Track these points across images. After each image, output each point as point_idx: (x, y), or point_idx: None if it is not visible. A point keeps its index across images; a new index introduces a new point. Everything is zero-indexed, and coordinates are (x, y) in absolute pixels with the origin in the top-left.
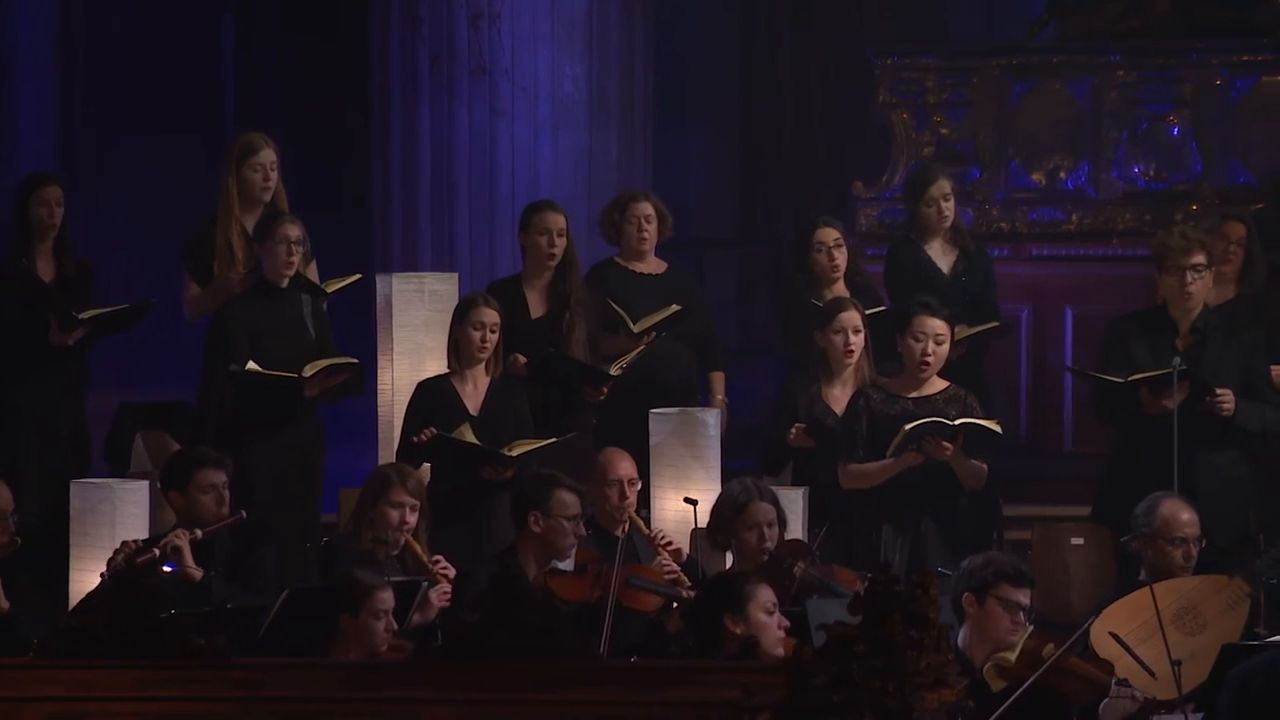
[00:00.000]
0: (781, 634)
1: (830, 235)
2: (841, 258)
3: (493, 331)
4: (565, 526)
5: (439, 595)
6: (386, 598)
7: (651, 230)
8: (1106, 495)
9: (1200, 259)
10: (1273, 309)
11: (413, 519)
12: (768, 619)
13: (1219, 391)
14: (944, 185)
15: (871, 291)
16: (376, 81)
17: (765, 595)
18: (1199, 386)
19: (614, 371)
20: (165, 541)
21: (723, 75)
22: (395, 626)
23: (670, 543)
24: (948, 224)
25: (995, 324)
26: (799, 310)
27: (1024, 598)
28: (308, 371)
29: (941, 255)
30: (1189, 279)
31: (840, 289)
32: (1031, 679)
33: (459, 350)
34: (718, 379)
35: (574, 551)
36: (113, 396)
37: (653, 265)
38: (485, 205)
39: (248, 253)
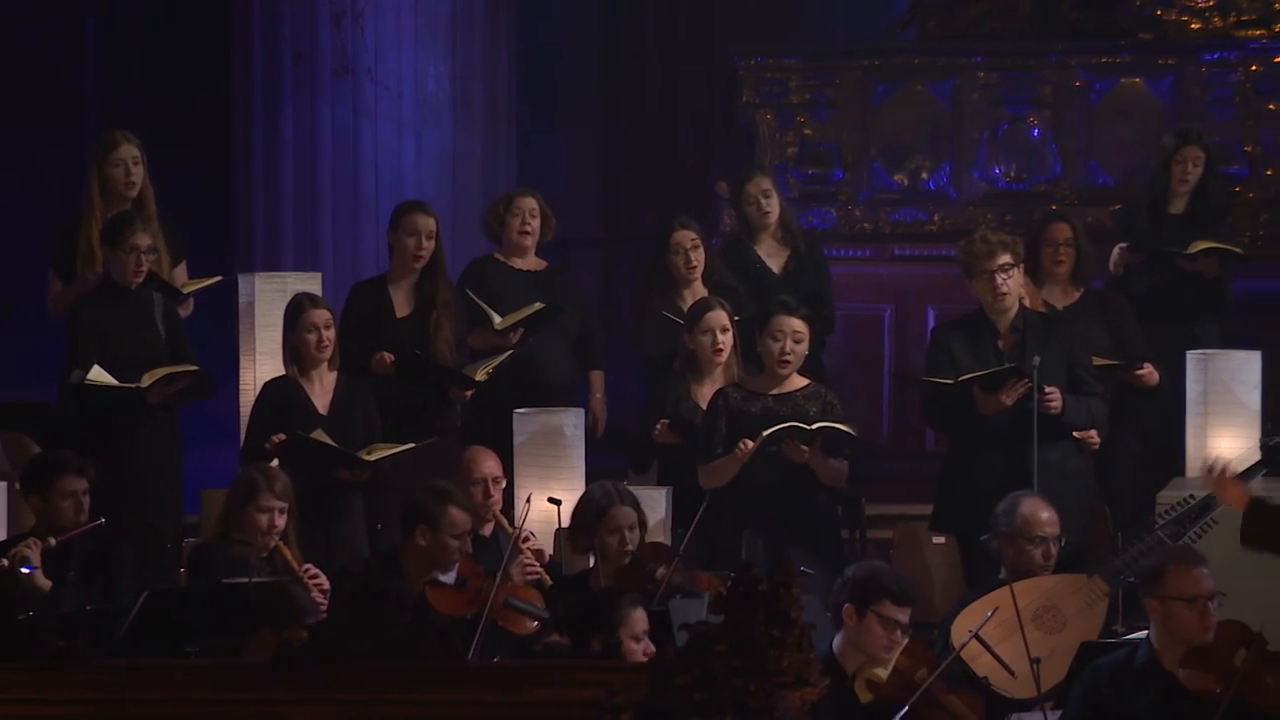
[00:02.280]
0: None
1: (687, 237)
2: (699, 259)
3: (327, 329)
4: (451, 544)
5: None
6: None
7: (535, 226)
8: (944, 500)
9: (1006, 259)
10: (1115, 309)
11: (281, 522)
12: (635, 646)
13: (1046, 390)
14: (761, 182)
15: (733, 290)
16: (239, 80)
17: (637, 620)
18: (1015, 374)
19: (480, 377)
20: (14, 552)
21: (587, 74)
22: None
23: (537, 546)
24: (770, 221)
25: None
26: (652, 315)
27: (904, 616)
28: (146, 381)
29: (771, 255)
30: (999, 281)
31: (699, 289)
32: (905, 707)
33: (298, 355)
34: (597, 378)
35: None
36: None
37: (532, 263)
38: (349, 204)
39: None
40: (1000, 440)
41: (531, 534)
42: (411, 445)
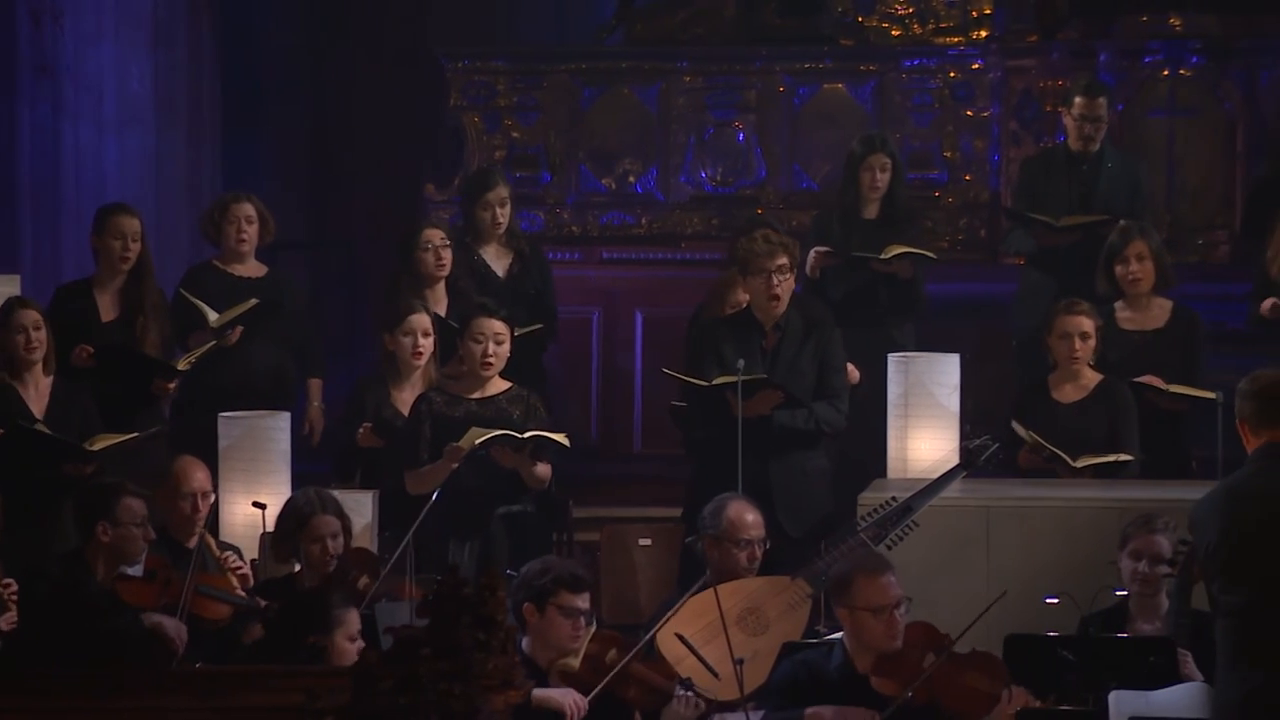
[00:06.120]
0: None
1: (436, 235)
2: (448, 257)
3: (37, 330)
4: (135, 533)
5: (7, 622)
6: None
7: (252, 232)
8: (695, 500)
9: (784, 260)
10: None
11: None
12: (350, 647)
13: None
14: (502, 192)
15: (465, 294)
16: None
17: (353, 621)
18: (769, 385)
19: (181, 366)
20: None
21: (294, 74)
22: None
23: (239, 567)
24: (503, 229)
25: (539, 325)
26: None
27: (583, 603)
28: None
29: (497, 258)
30: (774, 281)
31: (441, 292)
32: (597, 689)
33: (8, 359)
34: (315, 385)
35: (144, 556)
36: None
37: (252, 268)
38: (49, 206)
39: None
40: (748, 443)
41: (237, 555)
42: (135, 435)
